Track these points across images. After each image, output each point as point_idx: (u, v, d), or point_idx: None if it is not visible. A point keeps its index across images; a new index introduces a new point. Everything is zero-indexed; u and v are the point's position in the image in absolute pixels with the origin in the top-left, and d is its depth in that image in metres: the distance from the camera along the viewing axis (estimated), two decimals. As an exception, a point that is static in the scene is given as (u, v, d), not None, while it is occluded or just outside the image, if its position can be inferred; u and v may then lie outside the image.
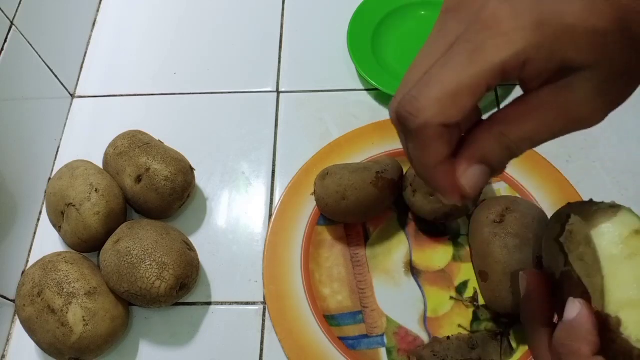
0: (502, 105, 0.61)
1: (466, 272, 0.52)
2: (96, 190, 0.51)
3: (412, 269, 0.52)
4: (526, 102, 0.26)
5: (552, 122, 0.26)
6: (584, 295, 0.28)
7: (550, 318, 0.32)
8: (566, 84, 0.25)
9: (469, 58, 0.25)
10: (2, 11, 0.53)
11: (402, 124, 0.27)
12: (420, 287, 0.52)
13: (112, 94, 0.67)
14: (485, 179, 0.28)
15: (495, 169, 0.28)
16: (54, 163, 0.62)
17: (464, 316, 0.50)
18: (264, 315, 0.52)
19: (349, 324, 0.50)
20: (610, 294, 0.28)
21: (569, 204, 0.32)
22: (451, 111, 0.25)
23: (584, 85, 0.25)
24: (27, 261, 0.56)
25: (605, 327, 0.27)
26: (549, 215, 0.49)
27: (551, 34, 0.24)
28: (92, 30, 0.72)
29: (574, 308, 0.29)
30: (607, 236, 0.29)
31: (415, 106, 0.26)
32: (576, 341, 0.28)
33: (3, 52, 0.53)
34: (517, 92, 0.46)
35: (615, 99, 0.26)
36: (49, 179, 0.61)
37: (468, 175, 0.27)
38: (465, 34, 0.25)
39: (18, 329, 0.52)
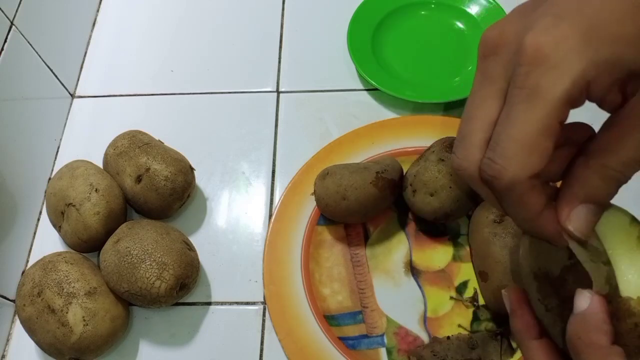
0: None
1: (466, 272, 0.52)
2: (96, 190, 0.51)
3: (412, 269, 0.52)
4: (619, 122, 0.25)
5: None
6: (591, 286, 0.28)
7: (539, 330, 0.32)
8: None
9: (529, 104, 0.24)
10: (2, 11, 0.53)
11: (489, 187, 0.26)
12: (420, 287, 0.52)
13: (112, 94, 0.67)
14: (594, 218, 0.27)
15: (603, 205, 0.26)
16: (54, 163, 0.62)
17: (464, 316, 0.50)
18: (264, 315, 0.52)
19: (349, 324, 0.50)
20: (626, 278, 0.27)
21: None
22: (534, 162, 0.24)
23: None
24: (27, 261, 0.56)
25: (623, 313, 0.27)
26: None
27: (602, 47, 0.23)
28: (92, 30, 0.72)
29: (584, 299, 0.28)
30: (610, 224, 0.28)
31: (495, 169, 0.25)
32: (592, 332, 0.27)
33: (3, 52, 0.53)
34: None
35: None
36: (49, 179, 0.61)
37: (573, 218, 0.26)
38: (515, 79, 0.25)
39: (18, 329, 0.52)
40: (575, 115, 0.26)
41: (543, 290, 0.31)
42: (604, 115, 0.27)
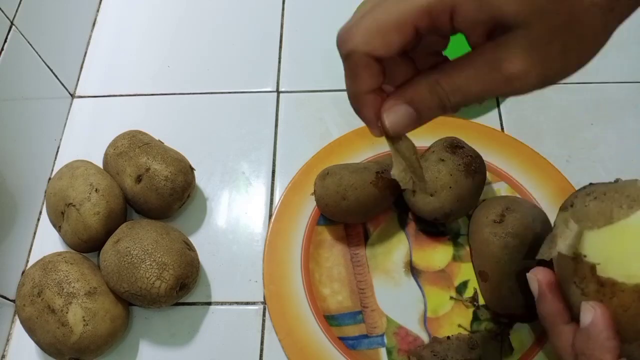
0: (501, 106, 0.62)
1: (466, 272, 0.52)
2: (96, 190, 0.51)
3: (412, 269, 0.52)
4: (467, 55, 0.27)
5: (484, 77, 0.26)
6: None
7: (570, 315, 0.31)
8: (503, 40, 0.26)
9: (398, 1, 0.26)
10: (2, 11, 0.53)
11: (338, 50, 0.29)
12: (420, 287, 0.52)
13: (112, 94, 0.67)
14: (409, 123, 0.29)
15: (422, 116, 0.29)
16: (54, 163, 0.62)
17: (464, 316, 0.50)
18: (264, 315, 0.52)
19: (349, 324, 0.50)
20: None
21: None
22: (376, 44, 0.27)
23: (518, 41, 0.25)
24: (27, 261, 0.56)
25: None
26: (549, 215, 0.49)
27: None
28: (92, 30, 0.72)
29: (588, 312, 0.28)
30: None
31: (346, 34, 0.28)
32: (596, 350, 0.27)
33: (3, 52, 0.53)
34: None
35: (550, 63, 0.26)
36: (49, 179, 0.61)
37: (391, 112, 0.29)
38: None
39: (18, 329, 0.52)
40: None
41: (580, 273, 0.30)
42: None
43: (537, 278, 0.33)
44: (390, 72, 0.29)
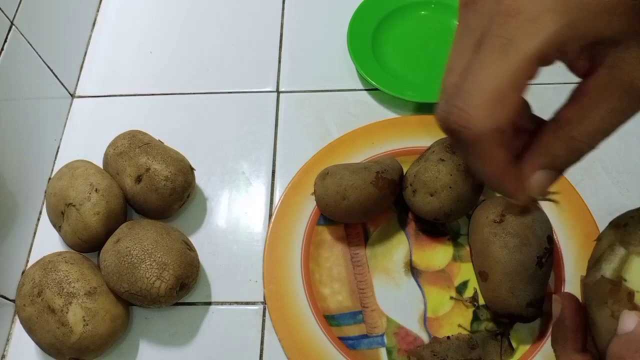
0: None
1: (466, 272, 0.52)
2: (96, 190, 0.51)
3: (412, 269, 0.52)
4: (586, 93, 0.25)
5: (619, 104, 0.24)
6: None
7: (584, 344, 0.31)
8: (619, 60, 0.24)
9: (502, 54, 0.24)
10: (2, 11, 0.53)
11: (455, 137, 0.26)
12: (420, 287, 0.52)
13: (112, 94, 0.67)
14: (552, 182, 0.28)
15: (563, 171, 0.28)
16: (54, 163, 0.62)
17: (464, 316, 0.50)
18: (264, 315, 0.52)
19: (349, 324, 0.50)
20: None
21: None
22: (501, 113, 0.24)
23: (637, 54, 0.23)
24: (27, 261, 0.56)
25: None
26: (549, 215, 0.49)
27: (581, 8, 0.23)
28: (92, 30, 0.72)
29: (630, 319, 0.28)
30: None
31: (464, 118, 0.25)
32: (638, 352, 0.27)
33: (3, 52, 0.53)
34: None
35: None
36: (49, 179, 0.61)
37: (534, 180, 0.27)
38: (490, 29, 0.24)
39: (18, 329, 0.52)
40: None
41: (616, 296, 0.29)
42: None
43: (562, 301, 0.32)
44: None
